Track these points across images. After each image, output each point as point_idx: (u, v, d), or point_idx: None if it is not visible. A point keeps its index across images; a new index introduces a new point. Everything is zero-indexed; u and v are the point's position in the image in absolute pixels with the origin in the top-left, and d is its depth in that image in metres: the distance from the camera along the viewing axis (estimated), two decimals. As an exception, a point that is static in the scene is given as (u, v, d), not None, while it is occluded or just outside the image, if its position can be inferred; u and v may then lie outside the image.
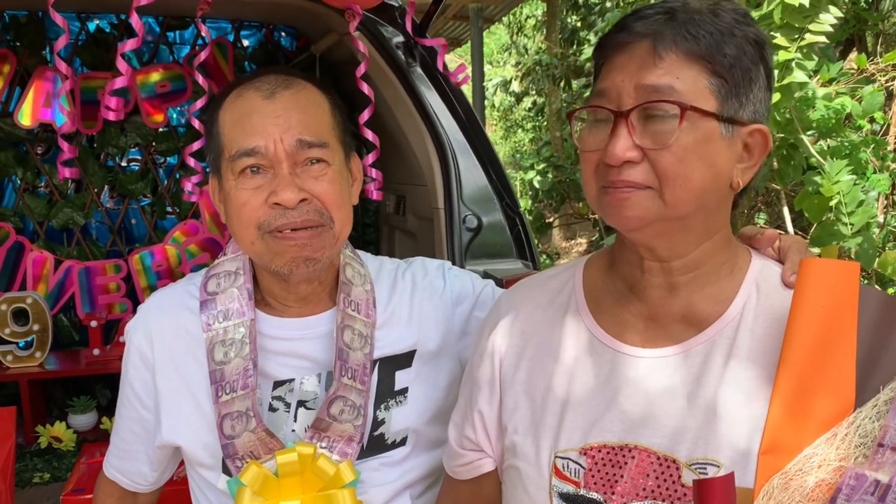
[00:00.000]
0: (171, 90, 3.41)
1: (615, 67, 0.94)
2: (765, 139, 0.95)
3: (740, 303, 0.98)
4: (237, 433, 1.21)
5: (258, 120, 1.15)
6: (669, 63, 0.90)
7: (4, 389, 3.29)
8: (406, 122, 2.53)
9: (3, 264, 3.32)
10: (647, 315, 1.01)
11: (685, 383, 0.96)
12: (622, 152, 0.90)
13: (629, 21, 0.95)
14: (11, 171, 3.36)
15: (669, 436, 0.95)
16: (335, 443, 1.24)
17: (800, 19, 2.63)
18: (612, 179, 0.92)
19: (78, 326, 3.47)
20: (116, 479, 1.38)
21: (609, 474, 0.97)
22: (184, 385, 1.27)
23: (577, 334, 1.05)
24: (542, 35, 11.20)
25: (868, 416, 0.84)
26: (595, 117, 0.96)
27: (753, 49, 0.92)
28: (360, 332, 1.27)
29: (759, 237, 1.06)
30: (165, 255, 3.50)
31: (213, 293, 1.27)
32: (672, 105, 0.89)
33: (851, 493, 0.80)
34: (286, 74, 1.22)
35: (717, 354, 0.96)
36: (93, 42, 3.40)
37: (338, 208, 1.18)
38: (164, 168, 3.65)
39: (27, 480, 2.86)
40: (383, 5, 2.39)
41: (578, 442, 1.00)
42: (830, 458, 0.84)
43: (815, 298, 0.90)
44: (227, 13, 3.38)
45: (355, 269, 1.31)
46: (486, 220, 2.37)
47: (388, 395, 1.31)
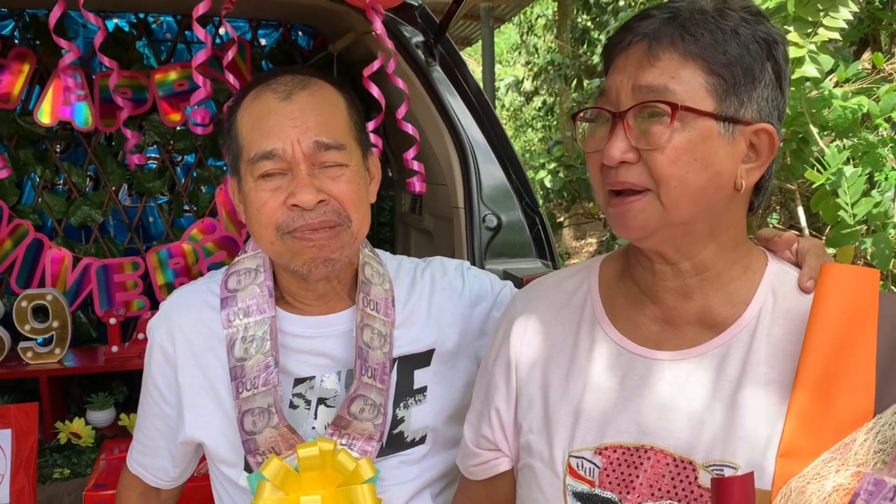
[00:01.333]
0: (188, 89, 3.42)
1: (616, 68, 0.95)
2: (771, 139, 0.93)
3: (756, 306, 0.98)
4: (258, 429, 1.22)
5: (276, 122, 1.16)
6: (665, 63, 0.91)
7: (24, 385, 3.31)
8: (425, 122, 2.54)
9: (23, 261, 3.34)
10: (663, 318, 1.02)
11: (702, 386, 0.96)
12: (618, 153, 0.92)
13: (633, 22, 0.96)
14: (31, 168, 3.38)
15: (686, 438, 0.95)
16: (355, 440, 1.26)
17: (814, 13, 2.62)
18: (611, 181, 0.94)
19: (96, 323, 3.48)
20: (140, 474, 1.40)
21: (624, 474, 0.98)
22: (206, 381, 1.29)
23: (593, 336, 1.06)
24: (552, 35, 11.19)
25: (888, 422, 0.85)
26: (598, 118, 0.98)
27: (759, 47, 0.92)
28: (380, 332, 1.28)
29: (776, 240, 1.06)
30: (182, 253, 3.52)
31: (234, 290, 1.28)
32: (665, 105, 0.89)
33: (870, 498, 0.80)
34: (303, 74, 1.23)
35: (734, 358, 0.96)
36: (112, 41, 3.42)
37: (356, 208, 1.19)
38: (182, 166, 3.67)
39: (47, 476, 2.88)
40: (403, 5, 2.40)
41: (593, 442, 1.00)
42: (849, 463, 0.84)
43: (835, 304, 0.90)
44: (244, 12, 3.39)
45: (374, 269, 1.32)
46: (506, 220, 2.37)
47: (407, 393, 1.32)
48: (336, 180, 1.17)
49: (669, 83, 0.90)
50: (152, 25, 3.55)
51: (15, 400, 3.18)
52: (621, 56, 0.95)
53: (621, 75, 0.94)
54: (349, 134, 1.20)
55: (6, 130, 3.27)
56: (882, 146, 2.85)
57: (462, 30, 9.07)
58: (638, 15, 0.97)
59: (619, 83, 0.94)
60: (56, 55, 3.30)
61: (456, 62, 2.49)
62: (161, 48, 3.56)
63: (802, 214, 3.83)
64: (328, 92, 1.22)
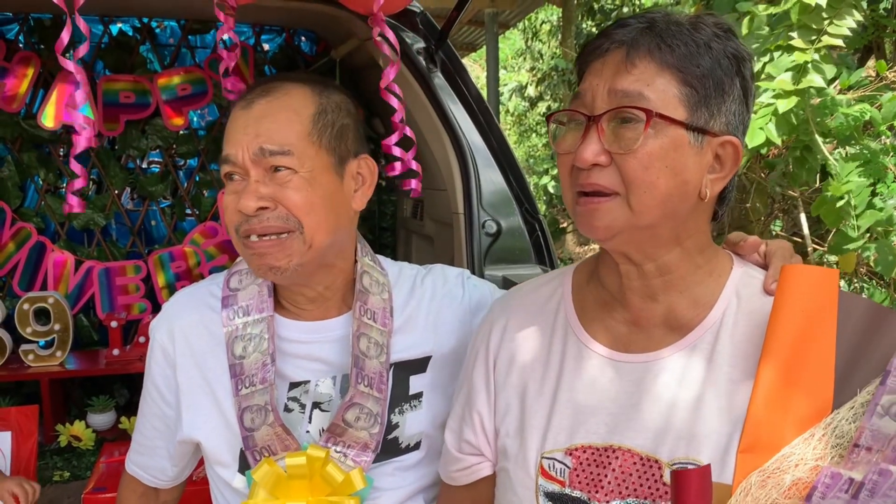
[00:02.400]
0: (191, 93, 3.44)
1: (592, 72, 0.97)
2: (736, 151, 0.97)
3: (720, 308, 1.00)
4: (256, 426, 1.23)
5: (234, 129, 1.21)
6: (641, 70, 0.93)
7: (25, 388, 3.32)
8: (426, 128, 2.54)
9: (25, 264, 3.36)
10: (631, 321, 1.04)
11: (667, 387, 0.99)
12: (591, 155, 0.93)
13: (611, 29, 0.98)
14: (34, 171, 3.40)
15: (652, 437, 0.97)
16: (349, 449, 1.26)
17: (818, 20, 2.62)
18: (582, 182, 0.95)
19: (97, 326, 3.50)
20: (137, 475, 1.41)
21: (593, 474, 1.00)
22: (204, 382, 1.29)
23: (565, 340, 1.09)
24: (556, 40, 11.20)
25: (845, 417, 0.87)
26: (571, 121, 0.99)
27: (729, 62, 0.95)
28: (376, 341, 1.28)
29: (742, 244, 1.09)
30: (184, 257, 3.53)
31: (235, 289, 1.30)
32: (640, 111, 0.91)
33: (827, 491, 0.82)
34: (280, 80, 1.25)
35: (698, 358, 0.99)
36: (115, 45, 3.43)
37: (307, 213, 1.18)
38: (185, 170, 3.68)
39: (48, 478, 2.89)
40: (405, 11, 2.40)
41: (564, 443, 1.03)
42: (808, 457, 0.86)
43: (795, 303, 0.93)
44: (247, 18, 3.40)
45: (374, 278, 1.32)
46: (506, 226, 2.37)
47: (402, 399, 1.32)
48: (283, 186, 1.17)
49: (644, 90, 0.92)
50: (156, 30, 3.57)
51: (16, 402, 3.19)
52: (598, 61, 0.97)
53: (597, 79, 0.96)
54: (306, 139, 1.19)
55: (10, 133, 3.29)
56: (884, 154, 2.85)
57: (466, 35, 9.08)
58: (615, 23, 1.00)
59: (594, 86, 0.96)
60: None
61: (457, 68, 2.49)
62: (164, 53, 3.58)
63: (805, 221, 3.83)
64: (292, 97, 1.22)
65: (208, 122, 3.67)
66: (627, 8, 7.58)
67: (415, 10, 2.50)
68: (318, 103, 1.23)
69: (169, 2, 3.09)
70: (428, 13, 2.58)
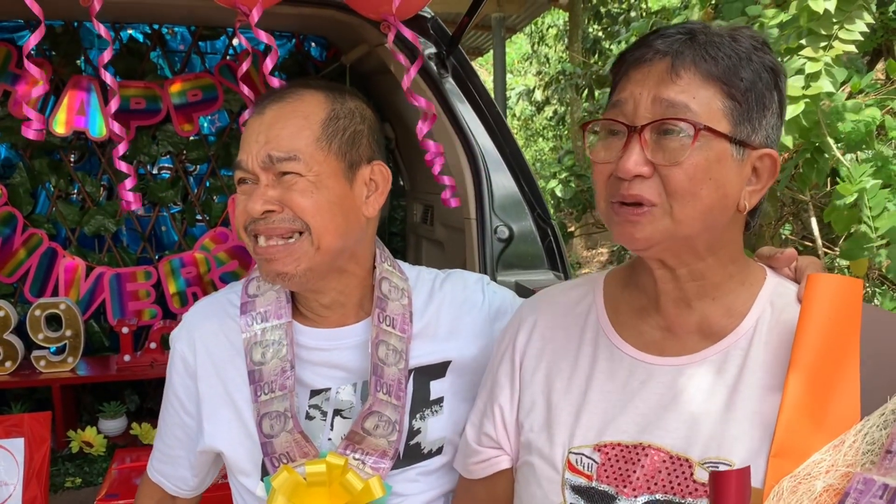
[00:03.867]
0: (202, 99, 3.45)
1: (633, 81, 0.96)
2: (774, 164, 0.98)
3: (754, 317, 1.01)
4: (275, 432, 1.24)
5: (247, 135, 1.23)
6: (687, 81, 0.93)
7: (37, 394, 3.33)
8: (438, 132, 2.54)
9: (37, 270, 3.37)
10: (665, 327, 1.05)
11: (700, 389, 1.00)
12: (634, 166, 0.93)
13: (650, 39, 0.98)
14: (45, 178, 3.41)
15: (683, 437, 0.98)
16: (368, 456, 1.26)
17: (828, 26, 2.61)
18: (623, 193, 0.95)
19: (108, 332, 3.51)
20: (160, 482, 1.41)
21: (622, 469, 1.00)
22: (224, 392, 1.30)
23: (596, 341, 1.10)
24: (563, 45, 11.21)
25: (875, 423, 0.88)
26: (609, 129, 0.99)
27: (769, 76, 0.96)
28: (395, 348, 1.28)
29: (777, 257, 1.10)
30: (195, 262, 3.54)
31: (254, 296, 1.31)
32: (687, 124, 0.92)
33: (860, 497, 0.83)
34: (295, 86, 1.26)
35: (731, 364, 1.00)
36: (126, 51, 3.45)
37: (313, 215, 1.19)
38: (195, 176, 3.69)
39: (59, 485, 2.89)
40: (416, 17, 2.40)
41: (593, 439, 1.03)
42: (839, 463, 0.87)
43: (822, 311, 0.94)
44: (258, 24, 3.41)
45: (393, 284, 1.32)
46: (518, 231, 2.37)
47: (423, 404, 1.32)
48: (290, 189, 1.19)
49: (690, 102, 0.92)
50: (166, 36, 3.58)
51: (27, 408, 3.20)
52: (640, 70, 0.96)
53: (640, 88, 0.95)
54: (315, 144, 1.20)
55: (21, 140, 3.31)
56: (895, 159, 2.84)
57: (473, 40, 9.09)
58: (654, 32, 0.99)
59: (637, 95, 0.95)
60: (72, 66, 3.33)
61: (468, 74, 2.49)
62: (175, 59, 3.59)
63: (815, 226, 3.81)
64: (303, 103, 1.23)
65: (218, 127, 3.68)
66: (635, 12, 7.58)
67: (426, 15, 2.50)
68: (330, 109, 1.24)
69: (180, 8, 3.10)
70: (439, 19, 2.59)
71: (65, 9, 2.95)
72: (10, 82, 3.19)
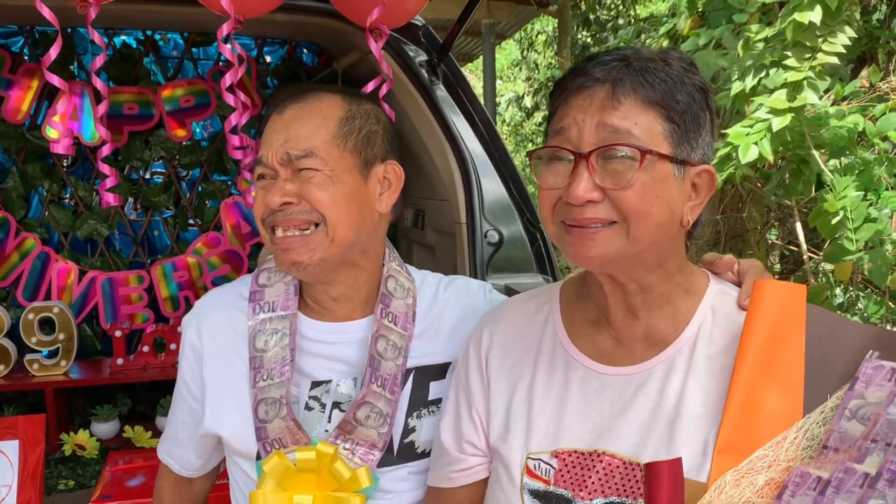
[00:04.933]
0: (194, 105, 3.48)
1: (575, 108, 1.00)
2: (711, 178, 1.03)
3: (696, 324, 1.07)
4: (270, 418, 1.29)
5: (268, 133, 1.30)
6: (628, 107, 0.97)
7: (29, 397, 3.34)
8: (428, 139, 2.58)
9: (29, 274, 3.38)
10: (615, 337, 1.11)
11: (649, 397, 1.05)
12: (585, 193, 0.97)
13: (588, 66, 1.01)
14: (38, 182, 3.43)
15: (635, 443, 1.03)
16: (358, 446, 1.30)
17: (812, 38, 2.66)
18: (576, 217, 0.99)
19: (101, 336, 3.52)
20: (167, 462, 1.49)
21: (578, 475, 1.05)
22: (228, 379, 1.35)
23: (553, 351, 1.15)
24: (552, 51, 11.27)
25: (815, 421, 0.93)
26: (553, 155, 1.01)
27: (701, 96, 1.01)
28: (395, 344, 1.33)
29: (717, 262, 1.16)
30: (187, 267, 3.56)
31: (263, 286, 1.37)
32: (632, 149, 0.96)
33: (796, 490, 0.88)
34: (316, 89, 1.34)
35: (677, 371, 1.05)
36: (119, 57, 3.47)
37: (328, 208, 1.25)
38: (187, 181, 3.71)
39: (52, 487, 2.90)
40: (407, 24, 2.44)
41: (550, 446, 1.09)
42: (780, 458, 0.92)
43: (767, 315, 0.99)
44: (250, 30, 3.44)
45: (399, 283, 1.37)
46: (508, 235, 2.41)
47: (421, 403, 1.36)
48: (307, 183, 1.26)
49: (633, 128, 0.97)
50: (159, 42, 3.61)
51: (20, 411, 3.20)
52: (580, 97, 1.00)
53: (582, 114, 0.99)
54: (331, 142, 1.28)
55: (15, 145, 3.32)
56: (878, 164, 2.89)
57: (463, 46, 9.14)
58: (589, 59, 1.03)
59: (580, 122, 0.99)
60: (65, 71, 3.35)
61: (459, 80, 2.53)
62: (168, 65, 3.62)
63: (801, 230, 3.86)
64: (322, 104, 1.31)
65: (211, 133, 3.70)
66: (622, 19, 7.64)
67: (417, 23, 2.54)
68: (346, 109, 1.31)
69: (172, 14, 3.12)
70: (429, 26, 2.62)
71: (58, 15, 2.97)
72: (4, 88, 3.21)
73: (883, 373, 0.89)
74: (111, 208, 3.51)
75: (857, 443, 0.86)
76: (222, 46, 1.60)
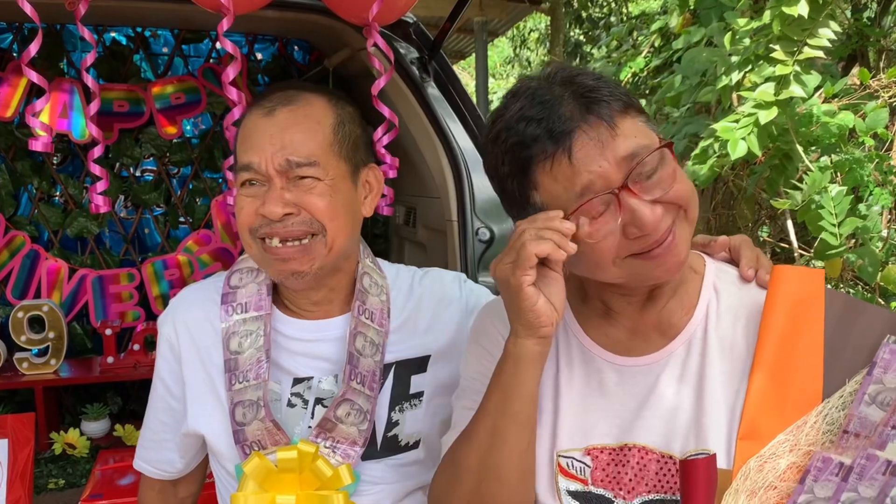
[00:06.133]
0: (185, 102, 3.46)
1: (579, 161, 0.94)
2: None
3: (703, 306, 1.07)
4: (248, 420, 1.27)
5: (256, 137, 1.24)
6: (622, 127, 0.96)
7: (19, 396, 3.33)
8: (420, 136, 2.57)
9: (19, 272, 3.36)
10: (629, 328, 1.09)
11: (669, 385, 1.04)
12: (654, 215, 0.95)
13: (545, 126, 0.96)
14: (27, 180, 3.41)
15: (663, 434, 1.02)
16: (339, 444, 1.29)
17: (798, 32, 2.67)
18: (657, 239, 0.96)
19: (91, 334, 3.50)
20: (144, 469, 1.46)
21: (614, 472, 1.04)
22: (207, 377, 1.34)
23: (568, 345, 1.13)
24: (545, 48, 11.27)
25: (835, 405, 0.93)
26: (590, 209, 0.96)
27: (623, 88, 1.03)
28: (373, 340, 1.32)
29: (712, 244, 1.17)
30: (178, 264, 3.55)
31: (235, 287, 1.34)
32: (656, 152, 0.96)
33: (819, 475, 0.88)
34: (297, 89, 1.30)
35: (693, 355, 1.04)
36: (109, 54, 3.46)
37: (330, 218, 1.23)
38: (178, 178, 3.70)
39: (42, 486, 2.89)
40: (398, 21, 2.44)
41: (580, 443, 1.07)
42: (801, 443, 0.93)
43: (785, 300, 0.99)
44: (241, 27, 3.43)
45: (373, 280, 1.36)
46: (499, 233, 2.40)
47: (402, 397, 1.36)
48: (308, 193, 1.23)
49: (641, 140, 0.97)
50: (149, 39, 3.59)
51: (9, 410, 3.19)
52: (574, 152, 0.95)
53: (593, 165, 0.95)
54: (329, 150, 1.25)
55: (4, 142, 3.31)
56: (868, 162, 2.90)
57: (456, 43, 9.13)
58: (534, 122, 0.97)
59: (598, 169, 0.95)
60: (55, 68, 3.33)
61: (450, 78, 2.53)
62: (158, 62, 3.60)
63: (792, 227, 3.87)
64: (314, 108, 1.27)
65: (201, 130, 3.69)
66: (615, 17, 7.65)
67: (408, 20, 2.53)
68: (336, 114, 1.29)
69: (162, 11, 3.11)
70: (420, 23, 2.62)
71: (47, 12, 2.96)
72: (-8, 84, 3.19)
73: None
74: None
75: (878, 429, 0.87)
76: (223, 40, 1.55)
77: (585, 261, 1.00)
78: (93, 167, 1.71)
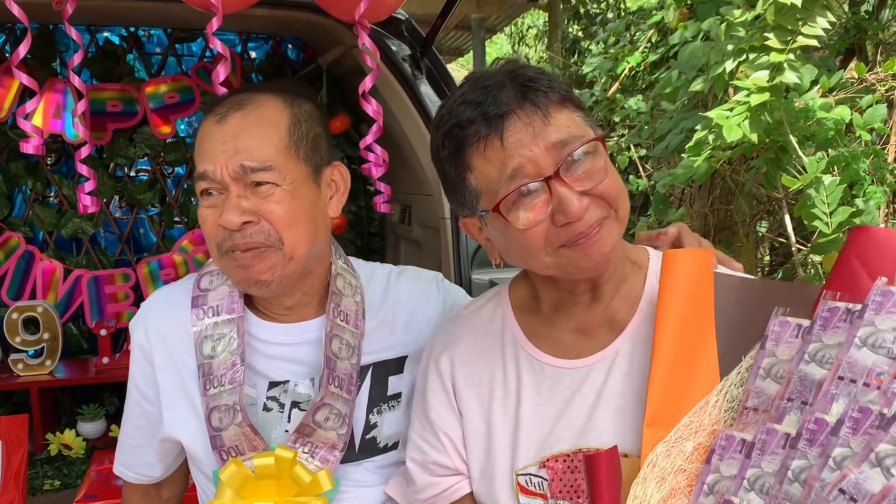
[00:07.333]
0: (179, 101, 3.46)
1: (511, 144, 0.95)
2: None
3: (647, 299, 1.06)
4: (224, 426, 1.25)
5: (209, 145, 1.20)
6: (557, 118, 0.97)
7: (14, 397, 3.33)
8: (412, 133, 2.57)
9: (14, 273, 3.36)
10: (576, 328, 1.08)
11: (619, 382, 1.04)
12: (580, 203, 0.95)
13: (481, 110, 0.97)
14: (22, 181, 3.41)
15: (615, 433, 1.01)
16: (318, 449, 1.27)
17: (792, 21, 2.65)
18: (582, 230, 0.96)
19: (86, 335, 3.50)
20: (123, 474, 1.43)
21: (571, 480, 1.03)
22: (181, 381, 1.30)
23: (517, 356, 1.11)
24: (543, 45, 11.25)
25: (733, 382, 0.93)
26: (519, 195, 0.96)
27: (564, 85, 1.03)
28: (348, 343, 1.29)
29: (660, 237, 1.18)
30: (173, 264, 3.54)
31: (206, 290, 1.31)
32: (588, 144, 0.96)
33: (723, 453, 0.88)
34: (250, 92, 1.26)
35: (639, 349, 1.04)
36: (102, 54, 3.45)
37: (288, 228, 1.19)
38: (173, 178, 3.69)
39: (38, 487, 2.89)
40: (390, 18, 2.42)
41: (535, 457, 1.05)
42: (705, 423, 0.93)
43: (678, 285, 0.99)
44: (234, 25, 3.42)
45: (346, 281, 1.34)
46: (492, 230, 2.40)
47: (380, 399, 1.34)
48: (266, 200, 1.19)
49: (574, 131, 0.97)
50: (143, 39, 3.58)
51: (5, 412, 3.19)
52: (508, 135, 0.96)
53: (524, 149, 0.95)
54: (285, 153, 1.21)
55: (-3, 143, 3.30)
56: (865, 157, 2.88)
57: (454, 40, 9.11)
58: (471, 102, 0.98)
59: (529, 154, 0.95)
60: (47, 68, 3.32)
61: (442, 74, 2.53)
62: (151, 61, 3.59)
63: (789, 222, 3.86)
64: (267, 110, 1.23)
65: (195, 129, 3.68)
66: (612, 13, 7.63)
67: (400, 17, 2.52)
68: (291, 114, 1.24)
69: (155, 11, 3.10)
70: (413, 20, 2.61)
71: (39, 12, 2.95)
72: (-16, 85, 3.18)
73: (790, 329, 0.89)
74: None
75: (775, 402, 0.87)
76: (212, 39, 1.52)
77: (518, 249, 1.00)
78: (80, 167, 1.68)
